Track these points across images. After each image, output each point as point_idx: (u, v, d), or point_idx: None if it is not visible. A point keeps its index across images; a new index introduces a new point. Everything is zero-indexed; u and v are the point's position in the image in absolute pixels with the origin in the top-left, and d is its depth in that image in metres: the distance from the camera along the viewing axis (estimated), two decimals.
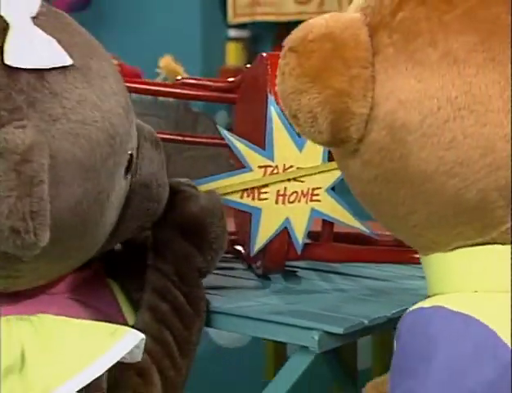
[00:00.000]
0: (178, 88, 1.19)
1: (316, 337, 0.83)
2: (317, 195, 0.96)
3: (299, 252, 0.96)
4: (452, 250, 0.78)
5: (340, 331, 0.83)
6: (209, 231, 0.86)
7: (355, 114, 0.71)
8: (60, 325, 0.75)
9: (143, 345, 0.75)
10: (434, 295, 0.79)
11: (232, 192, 0.94)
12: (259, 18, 2.63)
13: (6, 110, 0.68)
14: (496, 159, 0.70)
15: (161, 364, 0.81)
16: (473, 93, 0.70)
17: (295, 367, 0.88)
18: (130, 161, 0.81)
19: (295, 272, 1.08)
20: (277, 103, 0.94)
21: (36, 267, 0.75)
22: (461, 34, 0.71)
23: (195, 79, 1.24)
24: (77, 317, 0.79)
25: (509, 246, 0.76)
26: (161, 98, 1.48)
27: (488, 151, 0.71)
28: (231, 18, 2.66)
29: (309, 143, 0.95)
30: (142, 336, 0.74)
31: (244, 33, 2.69)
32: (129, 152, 0.80)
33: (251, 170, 0.94)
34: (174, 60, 1.93)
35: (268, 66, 0.98)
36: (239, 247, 1.09)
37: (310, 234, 1.07)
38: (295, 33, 0.74)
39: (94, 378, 0.72)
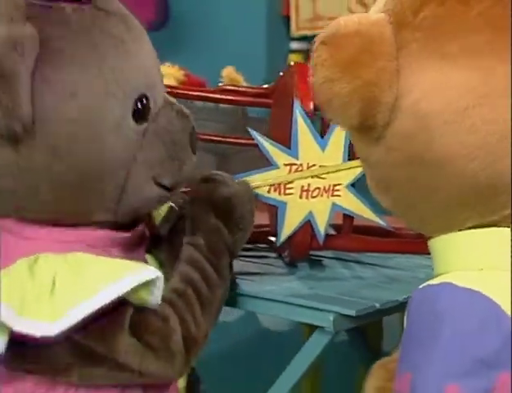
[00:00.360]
0: (220, 94, 1.30)
1: (331, 318, 0.90)
2: (338, 190, 1.03)
3: (321, 243, 1.04)
4: (459, 231, 0.82)
5: (353, 313, 0.90)
6: (237, 211, 0.93)
7: (381, 103, 0.75)
8: (89, 257, 0.81)
9: (162, 286, 0.80)
10: (441, 274, 0.83)
11: (261, 187, 1.03)
12: (319, 31, 2.76)
13: None
14: None
15: (183, 317, 0.85)
16: (490, 83, 0.74)
17: (313, 346, 0.96)
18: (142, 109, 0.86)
19: (321, 261, 1.17)
20: (302, 107, 1.04)
21: None
22: (478, 32, 0.75)
23: (236, 86, 1.35)
24: None
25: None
26: (221, 105, 1.60)
27: (504, 136, 0.75)
28: (294, 31, 2.80)
29: (331, 144, 1.03)
30: (159, 273, 0.80)
31: (304, 46, 2.80)
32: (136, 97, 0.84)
33: (278, 168, 1.02)
34: (235, 71, 2.03)
35: (295, 74, 1.07)
36: (272, 238, 1.18)
37: (333, 226, 1.16)
38: (327, 29, 0.80)
39: (108, 302, 0.77)
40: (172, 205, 1.00)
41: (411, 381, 0.80)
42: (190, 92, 1.29)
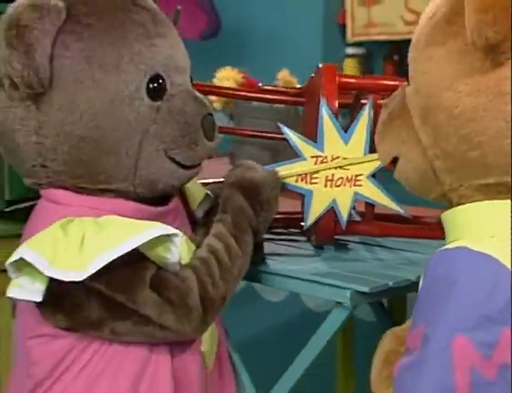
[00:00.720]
0: (260, 94, 1.42)
1: (348, 295, 1.02)
2: (360, 180, 1.13)
3: (344, 228, 1.15)
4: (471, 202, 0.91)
5: (367, 290, 1.01)
6: (263, 195, 1.03)
7: None
8: (114, 218, 0.93)
9: (179, 244, 0.91)
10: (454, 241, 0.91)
11: (290, 177, 1.14)
12: (373, 37, 3.00)
13: None
14: None
15: (202, 279, 0.95)
16: None
17: (334, 320, 1.07)
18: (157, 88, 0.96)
19: (346, 244, 1.27)
20: (328, 105, 1.14)
21: None
22: None
23: (273, 86, 1.47)
24: None
25: None
26: (276, 105, 1.71)
27: None
28: (350, 37, 3.02)
29: (354, 138, 1.13)
30: (176, 231, 0.90)
31: (360, 51, 3.04)
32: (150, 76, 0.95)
33: (305, 159, 1.13)
34: (289, 74, 2.15)
35: (322, 75, 1.17)
36: (303, 223, 1.29)
37: (359, 213, 1.26)
38: None
39: (126, 251, 0.88)
40: (208, 192, 1.12)
41: (424, 332, 0.88)
42: (236, 92, 1.43)
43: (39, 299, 0.90)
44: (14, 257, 0.89)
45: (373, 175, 1.13)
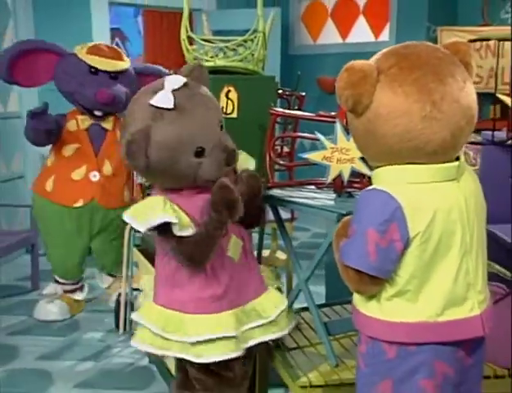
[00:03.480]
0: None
1: (335, 218, 2.04)
2: (354, 160, 2.14)
3: (346, 184, 2.17)
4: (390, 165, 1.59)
5: (344, 212, 2.03)
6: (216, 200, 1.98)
7: (363, 102, 1.55)
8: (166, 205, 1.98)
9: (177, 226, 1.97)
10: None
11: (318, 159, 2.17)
12: None
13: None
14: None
15: (197, 244, 2.01)
16: (409, 108, 1.51)
17: (331, 231, 2.10)
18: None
19: (351, 193, 2.28)
20: (341, 122, 2.15)
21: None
22: (410, 88, 1.52)
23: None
24: None
25: (416, 166, 1.56)
26: None
27: (408, 130, 1.51)
28: None
29: (352, 138, 2.14)
30: (174, 219, 1.96)
31: None
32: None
33: (326, 149, 2.16)
34: None
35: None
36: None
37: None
38: (350, 65, 1.57)
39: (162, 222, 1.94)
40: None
41: (354, 227, 1.63)
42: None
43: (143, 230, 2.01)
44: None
45: (361, 158, 2.13)
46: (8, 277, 4.67)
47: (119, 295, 3.65)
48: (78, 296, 3.99)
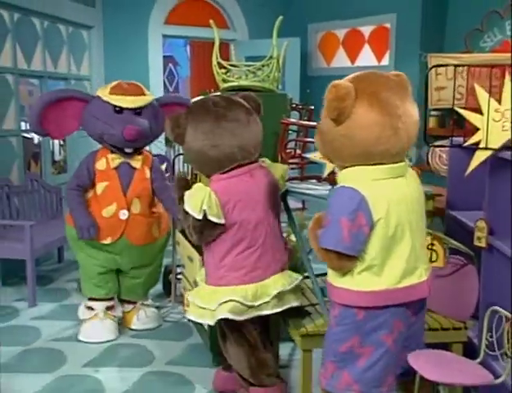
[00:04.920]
0: None
1: None
2: None
3: None
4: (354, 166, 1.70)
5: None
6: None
7: (345, 113, 1.63)
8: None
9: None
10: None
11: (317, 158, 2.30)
12: None
13: None
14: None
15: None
16: (379, 121, 1.65)
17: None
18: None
19: None
20: None
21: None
22: (384, 100, 1.66)
23: None
24: None
25: (376, 166, 1.69)
26: None
27: (378, 137, 1.62)
28: None
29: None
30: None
31: None
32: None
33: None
34: None
35: None
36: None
37: None
38: (336, 83, 1.66)
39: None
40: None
41: (329, 217, 1.73)
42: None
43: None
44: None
45: None
46: None
47: (166, 267, 3.83)
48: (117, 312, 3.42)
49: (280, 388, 2.42)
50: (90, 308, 3.27)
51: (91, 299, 3.28)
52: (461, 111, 2.16)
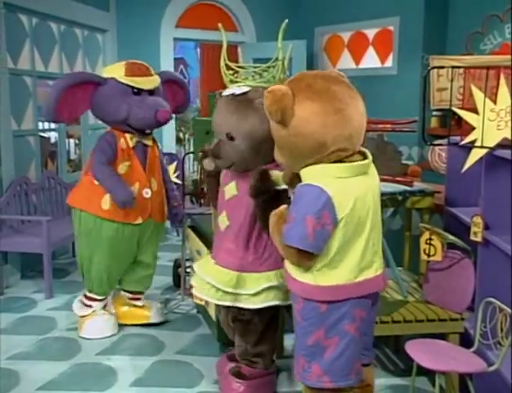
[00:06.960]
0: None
1: None
2: None
3: None
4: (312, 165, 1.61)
5: None
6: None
7: (287, 114, 1.59)
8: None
9: None
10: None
11: None
12: None
13: None
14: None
15: None
16: (324, 116, 1.58)
17: None
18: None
19: None
20: None
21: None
22: (323, 95, 1.61)
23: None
24: None
25: (339, 164, 1.61)
26: (369, 134, 2.46)
27: (321, 133, 1.58)
28: None
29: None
30: None
31: None
32: None
33: None
34: None
35: None
36: None
37: None
38: (270, 89, 1.63)
39: None
40: None
41: (293, 215, 1.64)
42: None
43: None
44: None
45: None
46: None
47: (176, 260, 3.87)
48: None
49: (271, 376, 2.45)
50: (88, 305, 3.21)
51: (89, 298, 3.21)
52: (458, 111, 2.18)
